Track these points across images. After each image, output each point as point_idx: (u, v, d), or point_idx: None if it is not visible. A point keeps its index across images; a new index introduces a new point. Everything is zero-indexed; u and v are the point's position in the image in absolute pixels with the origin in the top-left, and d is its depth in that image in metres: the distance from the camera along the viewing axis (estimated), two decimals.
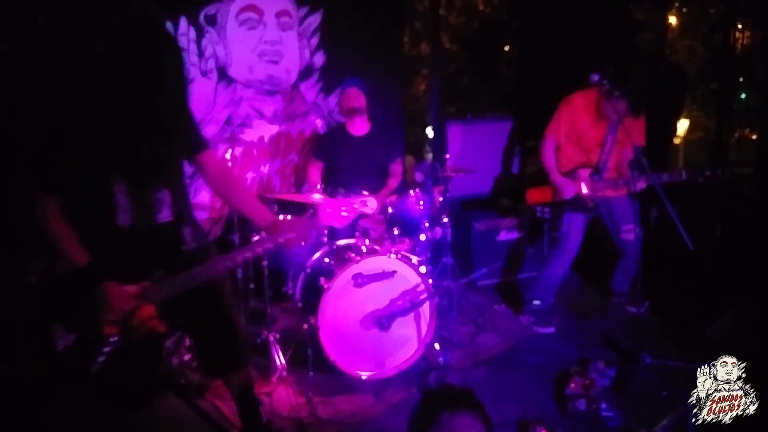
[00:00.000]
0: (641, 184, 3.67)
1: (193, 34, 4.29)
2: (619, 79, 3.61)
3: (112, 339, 2.14)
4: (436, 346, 3.58)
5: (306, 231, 2.41)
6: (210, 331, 2.47)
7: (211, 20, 4.35)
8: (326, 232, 3.81)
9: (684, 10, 7.81)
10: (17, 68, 3.73)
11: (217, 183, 2.51)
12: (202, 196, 4.45)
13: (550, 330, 4.03)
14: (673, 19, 6.78)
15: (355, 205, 2.46)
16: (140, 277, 2.18)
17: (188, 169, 2.56)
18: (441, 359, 3.51)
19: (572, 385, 3.18)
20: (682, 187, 4.39)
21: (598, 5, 5.79)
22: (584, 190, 3.86)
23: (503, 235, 4.78)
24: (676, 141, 7.83)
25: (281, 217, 2.93)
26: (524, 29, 5.96)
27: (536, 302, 4.11)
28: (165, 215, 2.27)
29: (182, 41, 4.26)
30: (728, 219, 4.96)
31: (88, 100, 2.08)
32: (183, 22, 4.24)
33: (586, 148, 3.92)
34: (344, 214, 2.43)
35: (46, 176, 2.09)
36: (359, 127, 4.24)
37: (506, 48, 7.93)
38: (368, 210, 2.48)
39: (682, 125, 7.69)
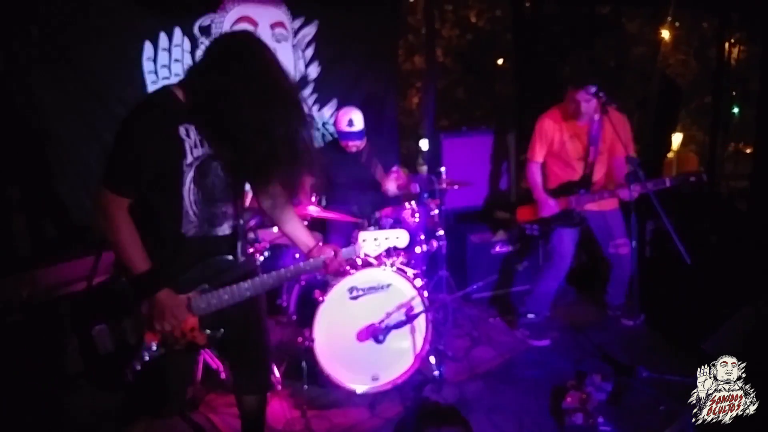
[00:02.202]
0: (625, 194, 3.63)
1: (187, 45, 4.28)
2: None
3: (152, 348, 2.11)
4: (432, 359, 3.56)
5: (344, 259, 2.42)
6: (243, 352, 2.42)
7: (206, 31, 4.35)
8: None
9: (677, 24, 7.88)
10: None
11: (273, 209, 2.43)
12: None
13: (545, 343, 4.01)
14: (666, 33, 6.83)
15: (386, 239, 2.51)
16: (189, 287, 2.15)
17: None
18: (436, 372, 3.50)
19: (569, 399, 3.16)
20: (677, 199, 4.41)
21: (591, 19, 5.84)
22: (571, 204, 3.86)
23: (498, 248, 4.76)
24: (670, 155, 7.87)
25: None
26: (518, 42, 6.00)
27: (531, 315, 4.10)
28: (225, 229, 2.23)
29: (176, 52, 4.25)
30: (723, 232, 4.97)
31: (186, 112, 2.02)
32: (177, 32, 4.23)
33: (569, 163, 3.93)
34: (377, 247, 2.51)
35: (118, 176, 2.00)
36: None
37: (500, 61, 7.98)
38: (400, 244, 2.53)
39: (676, 139, 7.74)
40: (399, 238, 2.52)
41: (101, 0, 3.87)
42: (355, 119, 4.01)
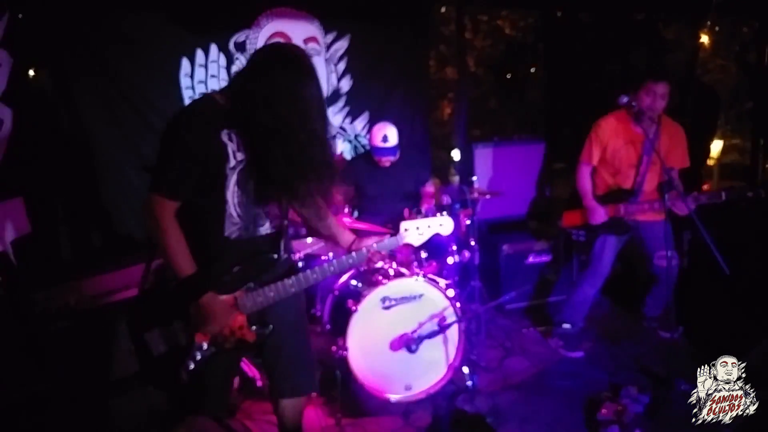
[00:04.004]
0: (680, 207, 3.56)
1: (223, 60, 4.41)
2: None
3: (203, 347, 2.17)
4: (465, 369, 3.55)
5: (386, 249, 2.44)
6: (285, 351, 2.40)
7: (241, 47, 4.47)
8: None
9: (716, 28, 7.72)
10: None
11: (313, 217, 2.48)
12: None
13: (579, 354, 3.97)
14: (704, 38, 6.70)
15: (429, 226, 2.47)
16: (235, 286, 2.20)
17: None
18: (469, 383, 3.49)
19: (604, 410, 3.12)
20: (716, 210, 4.30)
21: (625, 26, 5.78)
22: (620, 212, 3.81)
23: (532, 259, 4.73)
24: (710, 162, 7.71)
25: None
26: (551, 51, 5.97)
27: (566, 325, 4.06)
28: (268, 228, 2.27)
29: (213, 68, 4.37)
30: (764, 242, 4.84)
31: (227, 117, 2.06)
32: (213, 48, 4.36)
33: (620, 170, 3.87)
34: (420, 234, 2.47)
35: (166, 181, 2.05)
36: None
37: (532, 70, 7.94)
38: (444, 231, 2.49)
39: (716, 146, 7.58)
40: (443, 225, 2.47)
41: (141, 18, 4.04)
42: (389, 135, 4.05)
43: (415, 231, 2.46)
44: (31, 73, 3.88)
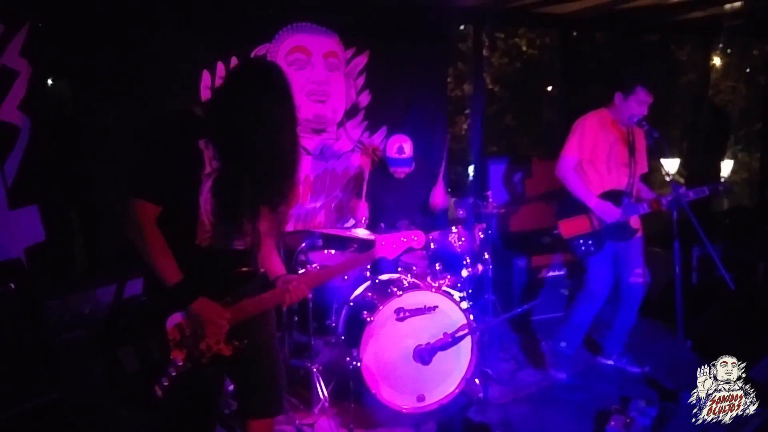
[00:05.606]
0: (667, 201, 3.57)
1: None
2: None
3: (178, 363, 2.09)
4: (477, 381, 3.60)
5: (309, 284, 2.34)
6: (256, 369, 2.36)
7: None
8: (368, 266, 3.92)
9: (728, 51, 7.80)
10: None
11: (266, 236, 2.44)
12: None
13: (561, 376, 3.92)
14: (716, 60, 6.77)
15: (403, 239, 2.49)
16: (213, 299, 2.14)
17: None
18: (481, 394, 3.55)
19: (612, 423, 3.17)
20: (725, 227, 4.34)
21: (640, 46, 5.87)
22: (621, 214, 3.65)
23: (545, 272, 4.78)
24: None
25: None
26: (567, 70, 6.05)
27: (563, 344, 4.00)
28: (241, 243, 2.22)
29: None
30: None
31: (205, 128, 2.06)
32: (234, 62, 4.42)
33: (615, 168, 3.71)
34: (394, 246, 2.48)
35: (147, 184, 2.04)
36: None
37: (549, 88, 8.01)
38: (416, 245, 2.52)
39: (727, 165, 7.63)
40: (416, 238, 2.50)
41: (162, 31, 4.06)
42: (404, 147, 4.15)
43: (391, 245, 2.47)
44: (50, 82, 3.93)
